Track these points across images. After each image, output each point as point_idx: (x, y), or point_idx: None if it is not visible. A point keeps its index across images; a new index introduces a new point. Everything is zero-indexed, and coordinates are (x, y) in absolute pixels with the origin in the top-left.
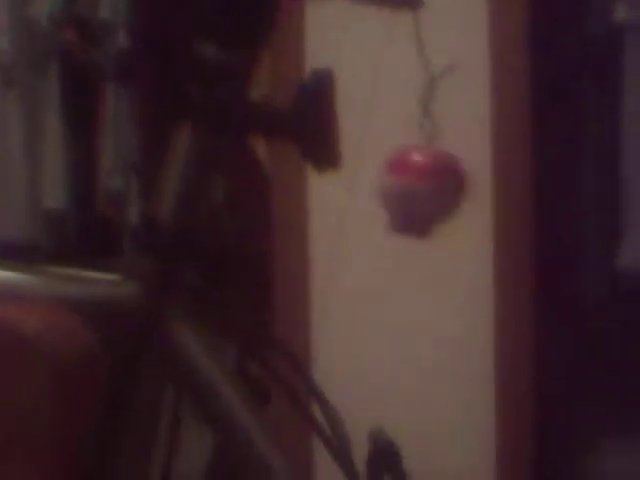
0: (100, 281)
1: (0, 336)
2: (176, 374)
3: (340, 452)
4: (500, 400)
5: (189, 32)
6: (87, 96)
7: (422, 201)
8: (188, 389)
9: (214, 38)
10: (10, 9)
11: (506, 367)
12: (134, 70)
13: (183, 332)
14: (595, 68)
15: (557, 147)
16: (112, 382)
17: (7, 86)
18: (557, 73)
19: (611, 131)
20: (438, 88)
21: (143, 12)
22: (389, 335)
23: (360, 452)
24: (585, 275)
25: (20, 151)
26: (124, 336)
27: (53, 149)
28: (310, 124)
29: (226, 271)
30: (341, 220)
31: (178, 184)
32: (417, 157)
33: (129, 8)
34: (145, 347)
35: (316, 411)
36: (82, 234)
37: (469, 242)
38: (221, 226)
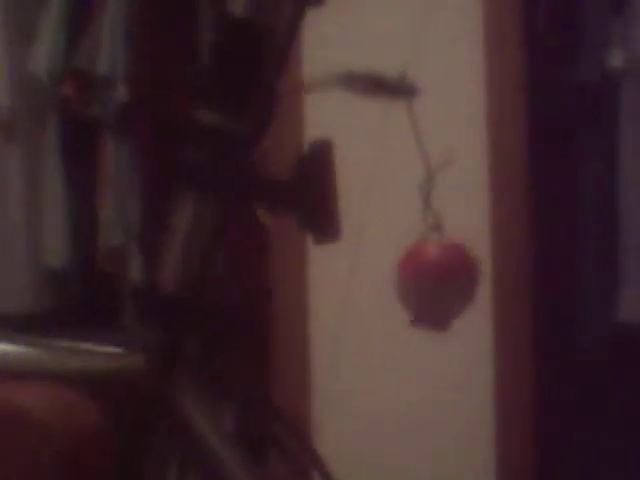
0: (104, 354)
1: (4, 418)
2: (181, 444)
3: None
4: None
5: (189, 96)
6: (87, 150)
7: (442, 298)
8: (192, 459)
9: (215, 105)
10: (10, 64)
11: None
12: (134, 124)
13: (188, 403)
14: (591, 118)
15: (555, 198)
16: (120, 456)
17: (7, 142)
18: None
19: (609, 181)
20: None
21: (142, 66)
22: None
23: None
24: (584, 327)
25: (20, 207)
26: (130, 409)
27: (54, 205)
28: (310, 195)
29: (228, 337)
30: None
31: (181, 252)
32: (432, 252)
33: (128, 62)
34: (151, 419)
35: (312, 471)
36: (84, 291)
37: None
38: (223, 293)
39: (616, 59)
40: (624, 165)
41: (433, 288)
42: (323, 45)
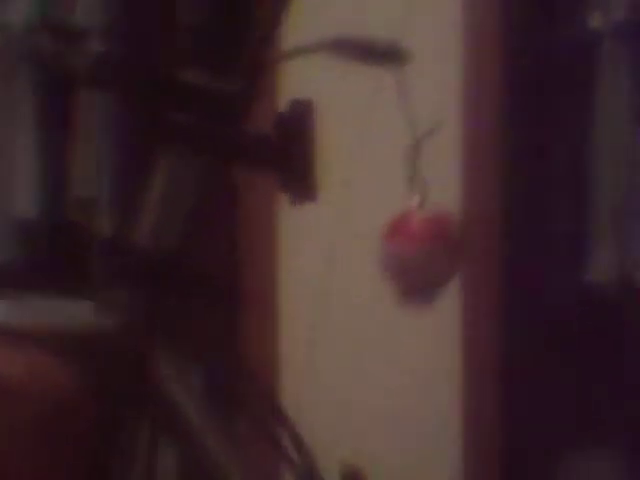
0: (79, 311)
1: None
2: (156, 409)
3: (306, 476)
4: (468, 425)
5: (175, 54)
6: (61, 102)
7: (419, 266)
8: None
9: (202, 64)
10: None
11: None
12: (109, 76)
13: (163, 366)
14: (568, 76)
15: (528, 154)
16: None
17: None
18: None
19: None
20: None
21: (119, 16)
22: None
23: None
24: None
25: None
26: (106, 368)
27: (26, 157)
28: (288, 153)
29: (201, 299)
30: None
31: (161, 211)
32: (415, 222)
33: (105, 12)
34: (127, 381)
35: (283, 437)
36: (53, 243)
37: None
38: (195, 250)
39: (595, 20)
40: (599, 126)
41: (419, 258)
42: (308, 9)
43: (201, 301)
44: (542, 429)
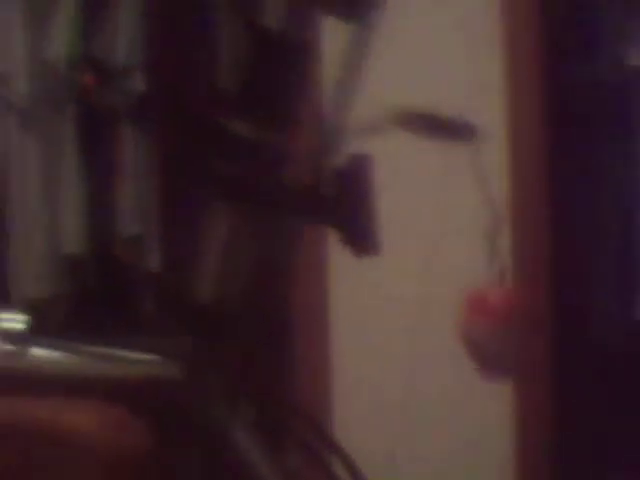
0: (141, 362)
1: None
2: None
3: None
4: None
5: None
6: (105, 139)
7: (501, 342)
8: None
9: (250, 117)
10: (28, 52)
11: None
12: (151, 113)
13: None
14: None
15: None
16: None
17: (25, 129)
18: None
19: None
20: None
21: (160, 55)
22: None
23: None
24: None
25: (38, 196)
26: (166, 417)
27: (71, 193)
28: (349, 209)
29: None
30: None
31: (219, 263)
32: (495, 299)
33: (146, 50)
34: (187, 429)
35: (337, 465)
36: (100, 280)
37: None
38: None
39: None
40: None
41: (503, 334)
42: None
43: (257, 344)
44: (595, 467)
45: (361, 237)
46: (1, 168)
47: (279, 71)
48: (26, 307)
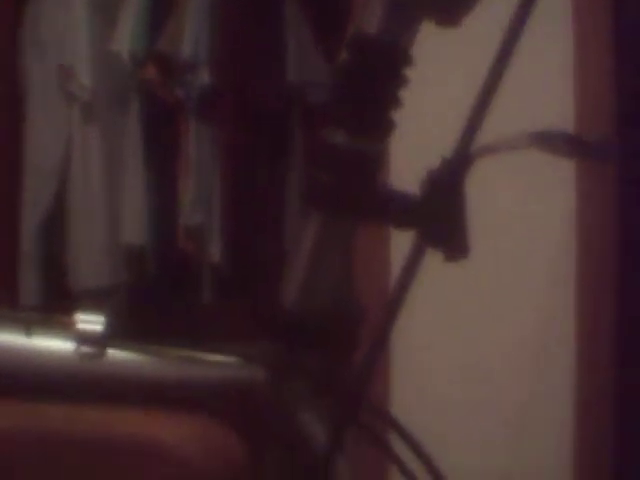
0: (223, 365)
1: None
2: (297, 458)
3: None
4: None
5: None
6: (168, 132)
7: None
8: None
9: (346, 126)
10: (91, 45)
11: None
12: (215, 107)
13: (308, 419)
14: None
15: None
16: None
17: (88, 122)
18: None
19: None
20: None
21: (224, 49)
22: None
23: None
24: None
25: (101, 187)
26: (250, 421)
27: (133, 185)
28: (440, 213)
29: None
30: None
31: (308, 270)
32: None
33: (211, 45)
34: (269, 433)
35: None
36: (162, 270)
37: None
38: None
39: None
40: None
41: None
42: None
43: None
44: None
45: (453, 241)
46: (65, 158)
47: (377, 78)
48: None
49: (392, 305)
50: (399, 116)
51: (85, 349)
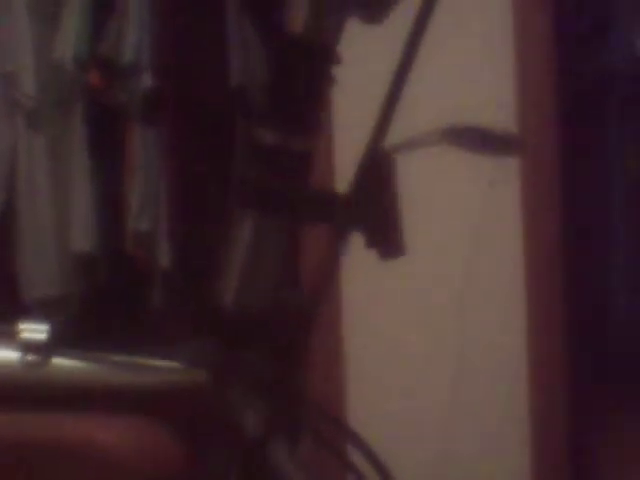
0: (166, 370)
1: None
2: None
3: None
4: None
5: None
6: (114, 137)
7: None
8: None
9: (275, 124)
10: (35, 52)
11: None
12: (160, 110)
13: (248, 417)
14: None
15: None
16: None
17: (33, 130)
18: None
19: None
20: None
21: (167, 51)
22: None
23: None
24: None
25: (48, 195)
26: (193, 424)
27: (81, 191)
28: (372, 209)
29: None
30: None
31: (244, 268)
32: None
33: (153, 48)
34: (216, 438)
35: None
36: (112, 277)
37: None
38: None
39: None
40: None
41: None
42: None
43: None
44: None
45: (387, 238)
46: (10, 168)
47: (305, 77)
48: (42, 313)
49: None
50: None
51: (29, 357)
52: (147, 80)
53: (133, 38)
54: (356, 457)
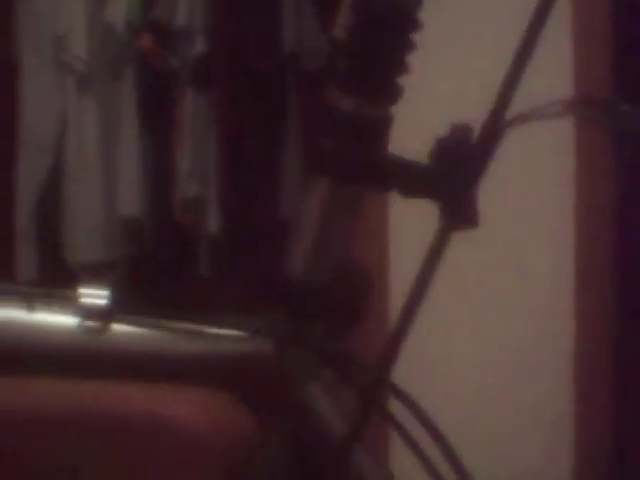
0: (231, 338)
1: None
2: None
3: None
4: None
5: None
6: (164, 102)
7: None
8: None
9: (352, 91)
10: (86, 16)
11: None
12: (211, 76)
13: (311, 389)
14: None
15: None
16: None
17: (83, 93)
18: None
19: None
20: None
21: (221, 17)
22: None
23: None
24: None
25: (96, 160)
26: (259, 396)
27: (130, 157)
28: (448, 179)
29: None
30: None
31: (315, 238)
32: None
33: (206, 13)
34: (278, 405)
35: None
36: (159, 242)
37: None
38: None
39: None
40: None
41: None
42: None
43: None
44: None
45: (462, 209)
46: (60, 131)
47: (384, 42)
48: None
49: (417, 289)
50: (407, 82)
51: (90, 323)
52: (199, 45)
53: (186, 3)
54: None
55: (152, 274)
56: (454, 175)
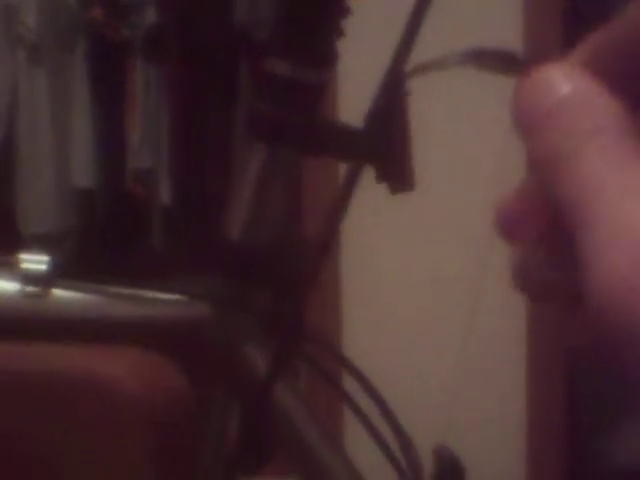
0: (169, 302)
1: (88, 389)
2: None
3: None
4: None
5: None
6: (116, 73)
7: None
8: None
9: (287, 55)
10: None
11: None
12: (163, 46)
13: (253, 352)
14: None
15: None
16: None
17: (34, 64)
18: None
19: None
20: None
21: None
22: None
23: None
24: None
25: (48, 131)
26: (197, 359)
27: (82, 128)
28: (384, 143)
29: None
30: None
31: (251, 202)
32: None
33: None
34: (217, 371)
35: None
36: (111, 213)
37: None
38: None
39: None
40: None
41: None
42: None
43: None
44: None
45: (399, 172)
46: (10, 102)
47: (318, 6)
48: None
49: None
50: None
51: (29, 289)
52: (150, 16)
53: None
54: (352, 387)
55: (105, 245)
56: (385, 137)
